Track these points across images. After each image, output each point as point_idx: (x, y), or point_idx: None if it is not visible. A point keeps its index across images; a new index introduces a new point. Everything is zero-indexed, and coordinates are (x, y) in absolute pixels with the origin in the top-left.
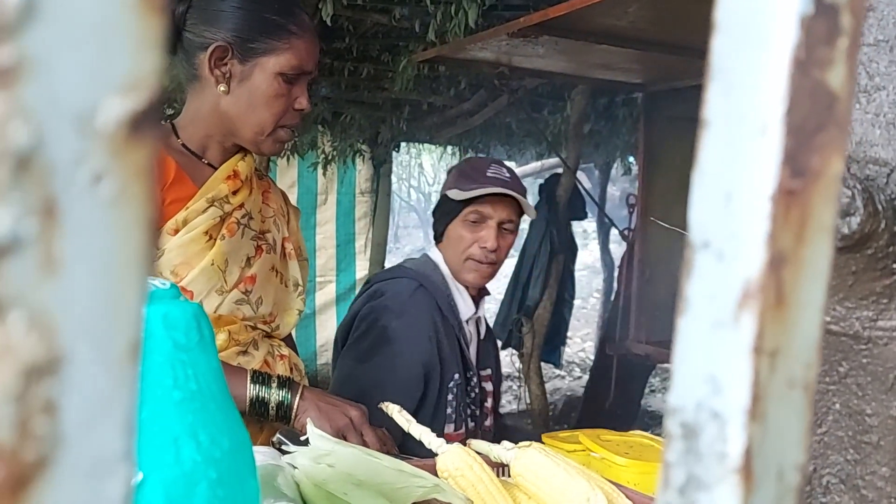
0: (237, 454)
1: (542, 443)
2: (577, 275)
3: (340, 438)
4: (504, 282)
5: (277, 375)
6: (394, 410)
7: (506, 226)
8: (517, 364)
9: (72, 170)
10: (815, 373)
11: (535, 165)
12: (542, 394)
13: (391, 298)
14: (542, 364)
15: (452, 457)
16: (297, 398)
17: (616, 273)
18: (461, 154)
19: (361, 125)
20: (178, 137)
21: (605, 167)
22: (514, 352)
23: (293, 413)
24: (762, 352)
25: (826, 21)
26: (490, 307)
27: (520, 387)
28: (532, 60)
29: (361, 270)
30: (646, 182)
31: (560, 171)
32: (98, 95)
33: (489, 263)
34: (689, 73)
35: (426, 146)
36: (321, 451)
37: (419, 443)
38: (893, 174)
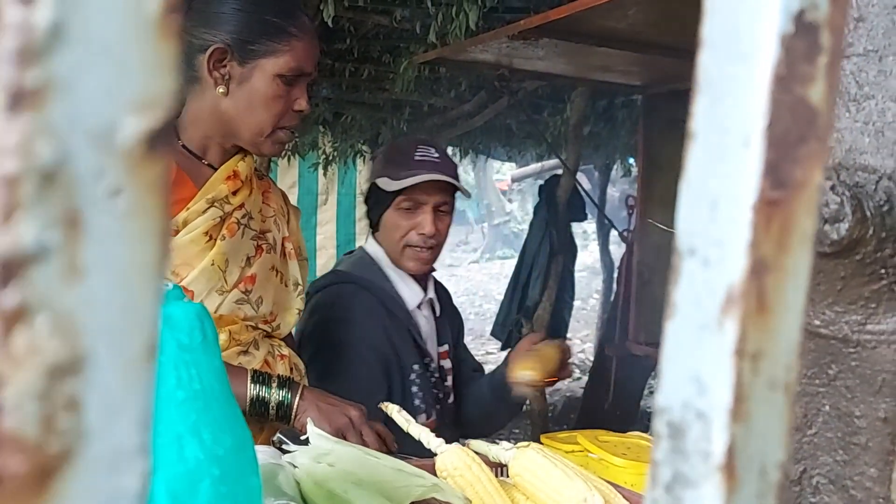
0: (239, 452)
1: (540, 443)
2: (577, 276)
3: (340, 438)
4: (504, 282)
5: (278, 375)
6: (393, 410)
7: (441, 208)
8: None
9: (93, 184)
10: (796, 375)
11: (535, 167)
12: (542, 394)
13: (333, 310)
14: None
15: (451, 457)
16: (297, 398)
17: (615, 274)
18: (461, 155)
19: (362, 126)
20: (179, 139)
21: (605, 168)
22: None
23: (293, 413)
24: (744, 355)
25: (806, 39)
26: (490, 307)
27: None
28: (532, 62)
29: None
30: (645, 184)
31: (560, 173)
32: (117, 114)
33: (429, 248)
34: (689, 76)
35: None
36: (321, 451)
37: (416, 442)
38: (882, 181)
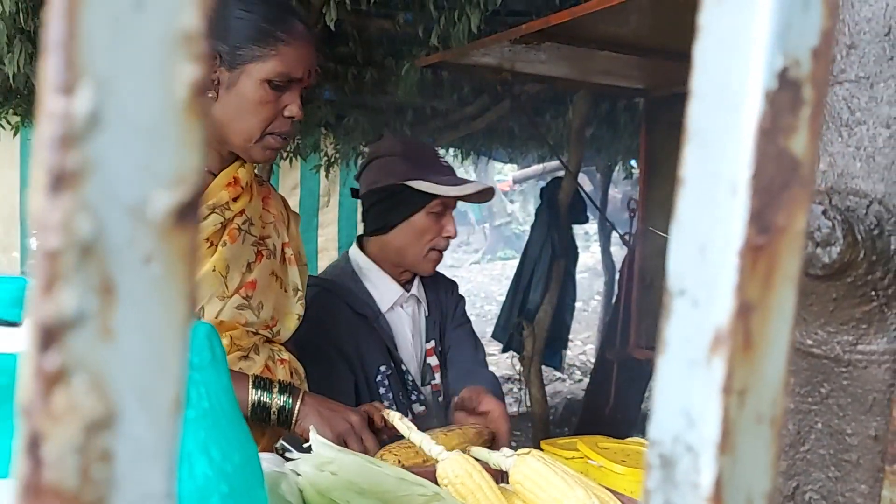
0: (247, 468)
1: (541, 449)
2: (579, 277)
3: (341, 443)
4: (505, 283)
5: (279, 381)
6: (395, 418)
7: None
8: (518, 367)
9: (126, 253)
10: (782, 408)
11: (537, 168)
12: (543, 397)
13: (306, 313)
14: (543, 367)
15: (452, 464)
16: (298, 403)
17: (617, 277)
18: (463, 157)
19: (364, 128)
20: None
21: (607, 171)
22: (515, 355)
23: (294, 418)
24: (731, 391)
25: (789, 94)
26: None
27: (520, 390)
28: (534, 66)
29: None
30: (647, 186)
31: (561, 175)
32: (148, 190)
33: (443, 250)
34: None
35: None
36: (324, 459)
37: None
38: (872, 205)
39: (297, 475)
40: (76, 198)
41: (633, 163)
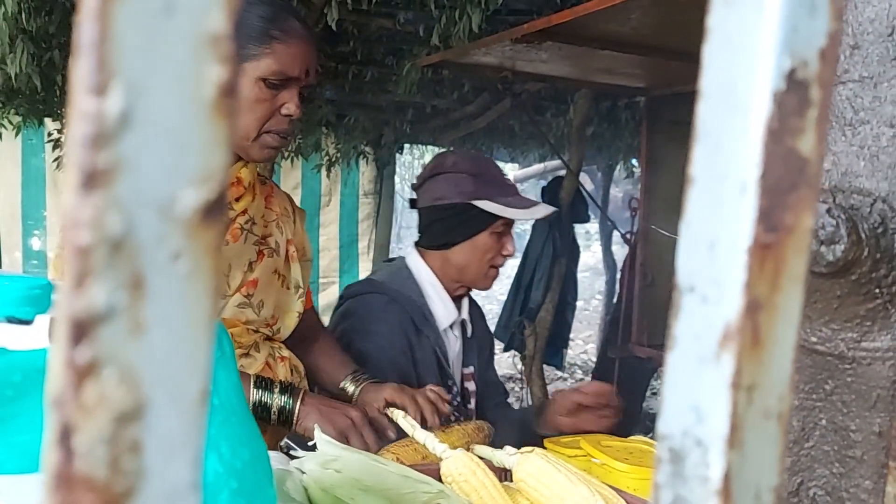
0: (256, 464)
1: (544, 447)
2: (580, 276)
3: (342, 440)
4: (507, 283)
5: (280, 381)
6: (398, 416)
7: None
8: (519, 366)
9: (155, 250)
10: (789, 404)
11: (538, 167)
12: (545, 396)
13: (361, 319)
14: (545, 366)
15: (456, 463)
16: (299, 403)
17: (618, 276)
18: None
19: (365, 127)
20: None
21: (608, 170)
22: (517, 354)
23: (294, 418)
24: (740, 387)
25: (797, 95)
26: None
27: (522, 388)
28: (535, 65)
29: (364, 272)
30: (648, 185)
31: (563, 174)
32: (177, 188)
33: (500, 267)
34: (691, 79)
35: (430, 148)
36: (328, 457)
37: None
38: (876, 204)
39: (302, 473)
40: (107, 195)
41: (635, 162)
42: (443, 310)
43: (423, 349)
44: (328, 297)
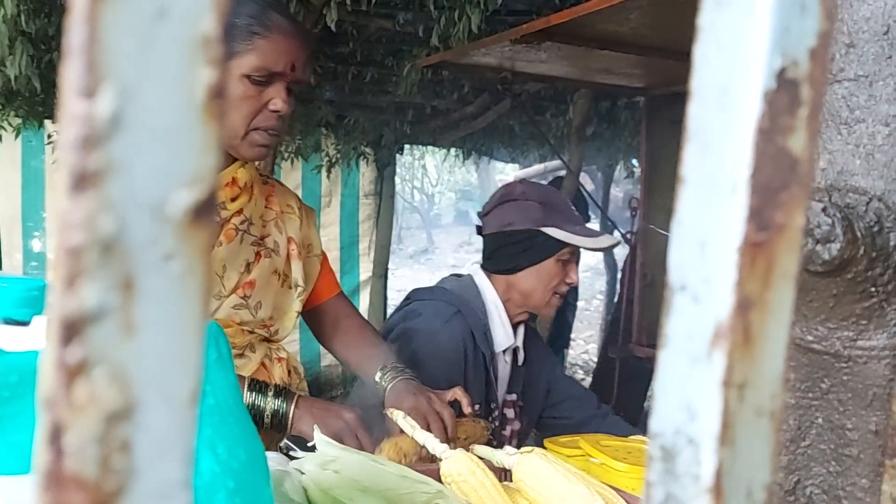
0: (253, 465)
1: (544, 447)
2: (581, 276)
3: (337, 441)
4: None
5: (274, 385)
6: (398, 416)
7: None
8: None
9: (146, 251)
10: (781, 402)
11: (538, 168)
12: None
13: (425, 321)
14: None
15: (456, 463)
16: (293, 407)
17: (619, 276)
18: (465, 156)
19: (365, 128)
20: None
21: (608, 169)
22: None
23: (288, 422)
24: (731, 385)
25: (787, 94)
26: None
27: None
28: (535, 65)
29: (365, 272)
30: (648, 185)
31: (563, 174)
32: (168, 189)
33: (563, 295)
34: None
35: (430, 148)
36: (327, 457)
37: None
38: (872, 202)
39: (301, 474)
40: (98, 197)
41: (635, 161)
42: (502, 332)
43: (476, 366)
44: None
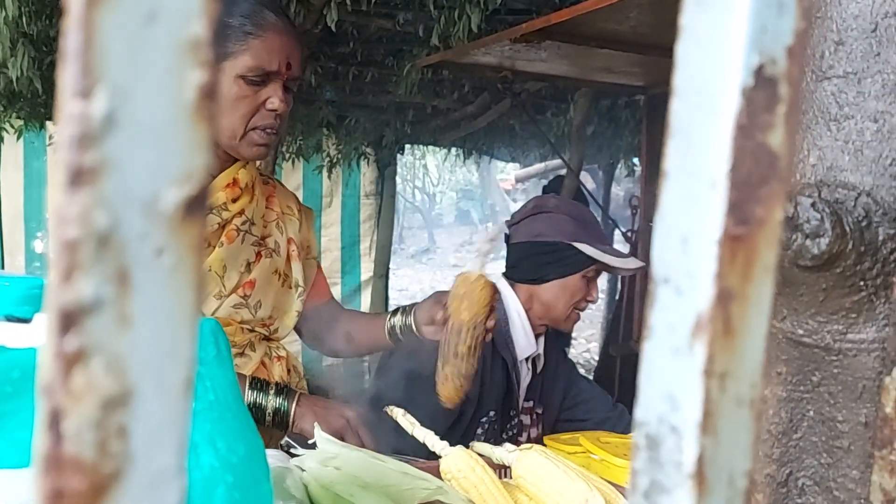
0: (252, 460)
1: (544, 444)
2: None
3: (338, 439)
4: None
5: (276, 383)
6: (398, 414)
7: None
8: None
9: (139, 245)
10: (761, 392)
11: (539, 167)
12: None
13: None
14: None
15: (456, 459)
16: (294, 405)
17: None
18: (465, 156)
19: (366, 128)
20: None
21: (609, 168)
22: None
23: (290, 420)
24: (712, 375)
25: (766, 91)
26: None
27: None
28: (535, 65)
29: (366, 272)
30: (648, 184)
31: (563, 173)
32: (160, 186)
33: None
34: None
35: (430, 148)
36: (328, 454)
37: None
38: (861, 198)
39: (302, 470)
40: (93, 193)
41: (635, 160)
42: (524, 340)
43: (494, 371)
44: None
